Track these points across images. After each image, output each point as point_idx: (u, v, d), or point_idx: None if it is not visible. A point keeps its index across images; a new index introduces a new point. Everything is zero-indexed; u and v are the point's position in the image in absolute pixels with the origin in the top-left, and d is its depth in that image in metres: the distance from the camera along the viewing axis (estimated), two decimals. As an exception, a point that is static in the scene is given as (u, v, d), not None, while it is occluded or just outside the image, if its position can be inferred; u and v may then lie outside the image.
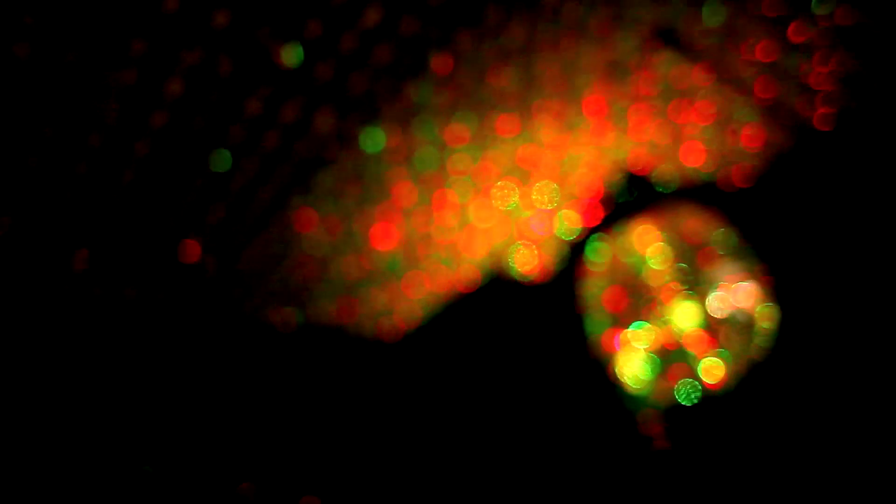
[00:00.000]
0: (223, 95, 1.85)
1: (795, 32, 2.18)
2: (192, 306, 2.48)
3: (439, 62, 2.04)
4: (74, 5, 1.52)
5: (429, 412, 2.67)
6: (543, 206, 2.57)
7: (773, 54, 2.25)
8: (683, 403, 2.27)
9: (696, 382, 2.26)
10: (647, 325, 2.32)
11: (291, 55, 1.74)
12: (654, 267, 2.34)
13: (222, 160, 1.86)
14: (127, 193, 2.00)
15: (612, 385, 2.38)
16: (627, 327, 2.34)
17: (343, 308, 2.70)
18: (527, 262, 2.69)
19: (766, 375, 2.33)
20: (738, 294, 2.30)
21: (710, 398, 2.31)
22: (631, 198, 2.46)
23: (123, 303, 2.36)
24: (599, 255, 2.35)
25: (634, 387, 2.35)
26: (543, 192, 2.53)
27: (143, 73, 1.72)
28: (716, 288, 2.30)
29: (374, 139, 2.03)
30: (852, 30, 2.17)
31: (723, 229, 2.36)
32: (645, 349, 2.32)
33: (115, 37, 1.63)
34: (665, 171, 2.53)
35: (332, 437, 2.58)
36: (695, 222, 2.39)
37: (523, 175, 2.49)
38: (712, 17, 2.06)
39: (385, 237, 2.51)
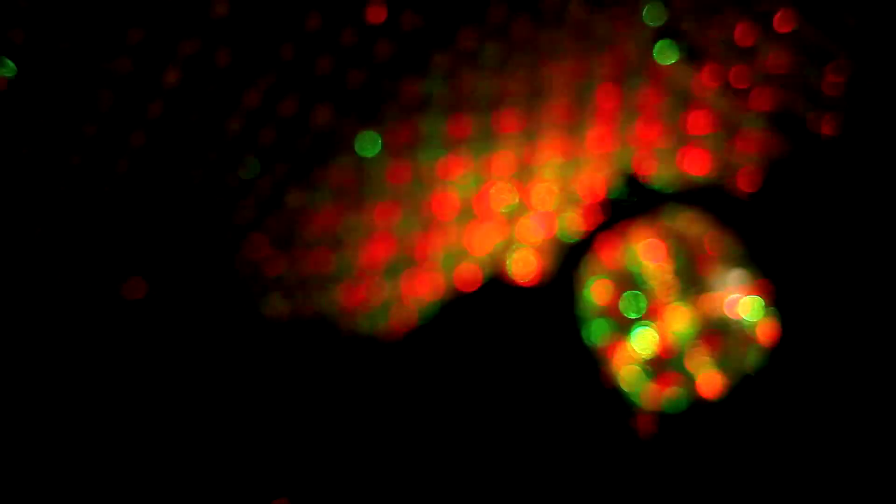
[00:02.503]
0: (220, 87, 1.84)
1: (800, 36, 2.17)
2: (187, 302, 2.46)
3: (441, 59, 2.02)
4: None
5: (425, 414, 2.66)
6: (543, 209, 2.56)
7: (779, 59, 2.23)
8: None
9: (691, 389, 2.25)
10: (645, 331, 2.31)
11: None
12: (653, 272, 2.32)
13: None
14: (121, 186, 1.98)
15: (608, 389, 2.37)
16: (625, 332, 2.32)
17: (339, 307, 2.69)
18: (525, 264, 2.67)
19: (763, 384, 2.32)
20: (737, 301, 2.29)
21: (706, 406, 2.29)
22: (632, 202, 2.44)
23: (117, 297, 2.35)
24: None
25: (631, 392, 2.33)
26: (543, 195, 2.51)
27: (138, 63, 1.70)
28: (715, 295, 2.28)
29: (370, 143, 2.00)
30: (856, 34, 2.16)
31: (724, 236, 2.35)
32: (642, 354, 2.31)
33: (111, 25, 1.61)
34: (666, 175, 2.51)
35: (329, 437, 2.57)
36: (696, 228, 2.38)
37: (523, 176, 2.48)
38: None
39: (382, 237, 2.50)
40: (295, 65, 1.86)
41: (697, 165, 2.53)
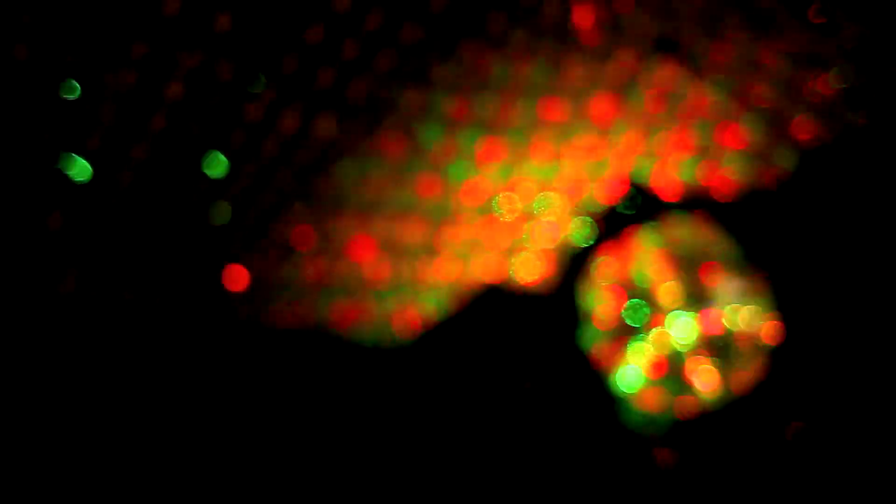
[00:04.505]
0: (223, 100, 1.85)
1: (801, 42, 2.17)
2: (190, 312, 2.47)
3: (442, 70, 2.03)
4: (73, 6, 1.52)
5: (427, 420, 2.66)
6: (546, 217, 2.56)
7: (779, 66, 2.23)
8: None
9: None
10: (647, 338, 2.31)
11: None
12: (654, 279, 2.32)
13: (218, 164, 1.84)
14: (125, 198, 1.99)
15: (609, 396, 2.37)
16: (626, 339, 2.33)
17: (342, 315, 2.69)
18: (528, 272, 2.67)
19: (765, 390, 2.32)
20: (738, 308, 2.29)
21: (708, 412, 2.29)
22: (634, 210, 2.45)
23: (121, 306, 2.35)
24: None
25: (631, 399, 2.33)
26: (546, 203, 2.51)
27: (142, 76, 1.71)
28: (717, 302, 2.29)
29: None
30: (857, 40, 2.16)
31: (725, 243, 2.35)
32: (643, 362, 2.31)
33: (115, 39, 1.62)
34: (667, 183, 2.51)
35: (330, 441, 2.57)
36: (697, 235, 2.38)
37: (526, 185, 2.48)
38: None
39: (385, 245, 2.50)
40: (296, 77, 1.87)
41: (700, 174, 2.54)
